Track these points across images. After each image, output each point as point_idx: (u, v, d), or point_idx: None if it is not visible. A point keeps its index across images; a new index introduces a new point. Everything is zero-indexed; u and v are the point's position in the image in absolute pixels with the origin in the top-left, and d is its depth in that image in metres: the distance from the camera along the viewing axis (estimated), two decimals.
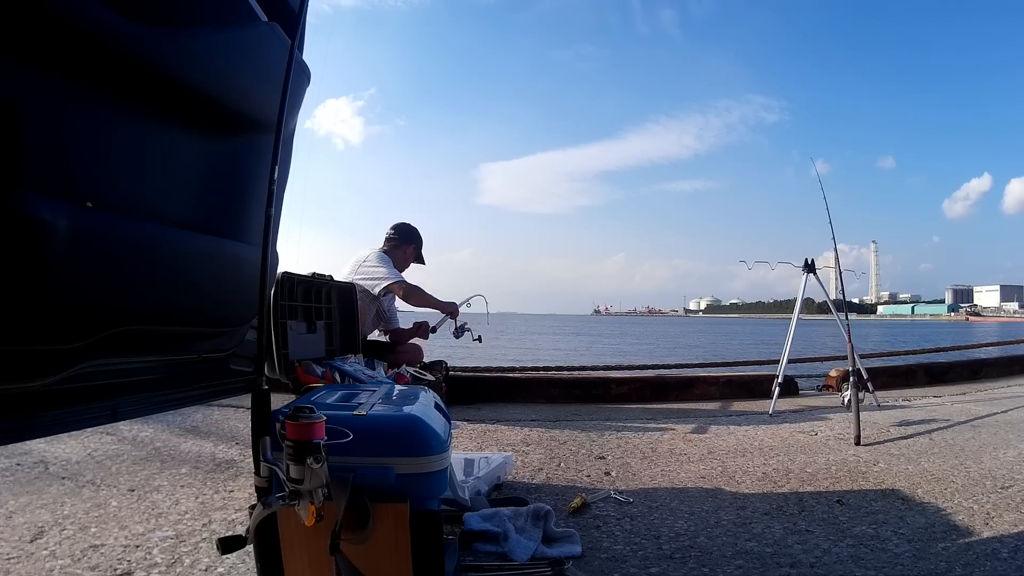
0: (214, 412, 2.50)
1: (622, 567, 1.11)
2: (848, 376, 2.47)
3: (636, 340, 25.65)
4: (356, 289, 2.67)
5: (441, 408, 1.07)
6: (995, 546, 1.19)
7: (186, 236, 0.86)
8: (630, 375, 3.71)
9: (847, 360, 2.58)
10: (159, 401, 1.00)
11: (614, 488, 1.58)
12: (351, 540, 0.76)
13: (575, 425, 2.46)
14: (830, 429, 2.38)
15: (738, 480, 1.68)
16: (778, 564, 1.12)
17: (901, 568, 1.10)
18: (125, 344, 0.78)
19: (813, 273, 2.94)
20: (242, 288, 0.92)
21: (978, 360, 4.51)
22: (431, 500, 0.85)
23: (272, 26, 0.97)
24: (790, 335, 2.93)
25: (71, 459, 1.75)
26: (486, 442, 2.15)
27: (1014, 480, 1.64)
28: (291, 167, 1.08)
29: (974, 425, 2.42)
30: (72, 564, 1.07)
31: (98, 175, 0.71)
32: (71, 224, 0.64)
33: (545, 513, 1.24)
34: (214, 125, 0.89)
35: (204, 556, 1.11)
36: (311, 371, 1.42)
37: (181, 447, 1.96)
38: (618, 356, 13.37)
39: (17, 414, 0.71)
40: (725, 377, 3.53)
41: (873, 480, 1.67)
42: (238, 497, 1.47)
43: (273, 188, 0.82)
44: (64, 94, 0.65)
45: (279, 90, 0.84)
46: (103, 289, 0.71)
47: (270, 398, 0.81)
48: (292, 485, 0.70)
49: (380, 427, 0.85)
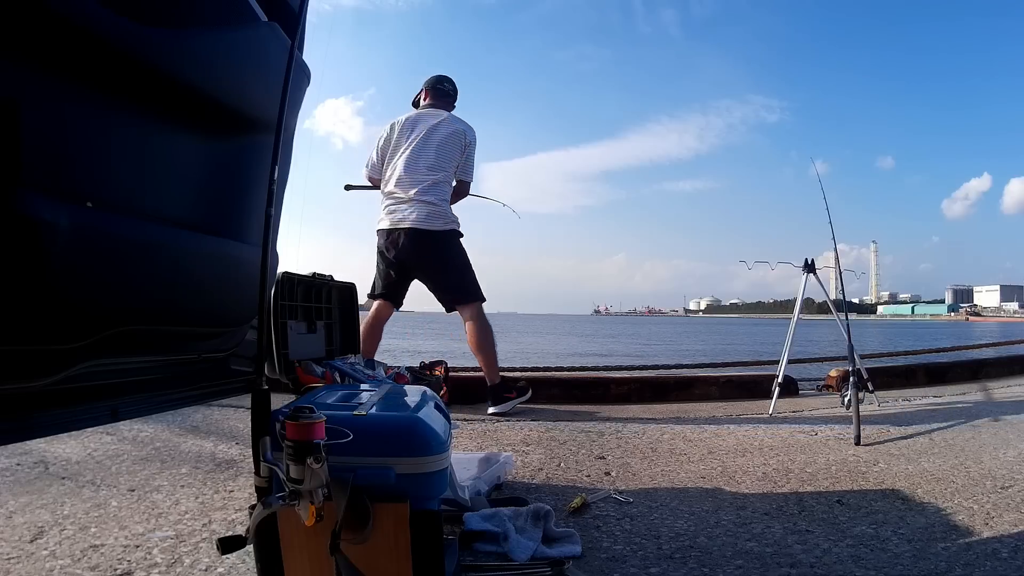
0: (214, 412, 2.50)
1: (622, 567, 1.11)
2: (848, 376, 2.46)
3: (631, 340, 25.67)
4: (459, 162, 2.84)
5: (441, 408, 1.07)
6: (995, 546, 1.19)
7: (186, 236, 0.86)
8: (630, 375, 3.71)
9: (847, 360, 2.58)
10: (159, 401, 1.00)
11: (614, 488, 1.58)
12: (351, 540, 0.77)
13: (575, 425, 2.46)
14: (830, 429, 2.38)
15: (738, 480, 1.68)
16: (778, 564, 1.12)
17: (901, 568, 1.10)
18: (125, 344, 0.78)
19: (813, 273, 2.94)
20: (242, 288, 0.92)
21: (978, 360, 4.51)
22: (431, 500, 0.85)
23: (272, 26, 0.97)
24: (790, 335, 2.93)
25: (71, 459, 1.75)
26: (486, 442, 2.15)
27: (1014, 480, 1.64)
28: (291, 167, 1.08)
29: (974, 425, 2.42)
30: (72, 564, 1.07)
31: (98, 175, 0.71)
32: (71, 224, 0.64)
33: (545, 513, 1.24)
34: (214, 125, 0.89)
35: (204, 556, 1.11)
36: (311, 371, 1.42)
37: (181, 447, 1.96)
38: (618, 356, 13.37)
39: (17, 414, 0.71)
40: (725, 377, 3.53)
41: (873, 480, 1.67)
42: (238, 497, 1.47)
43: (273, 188, 0.82)
44: (64, 94, 0.65)
45: (279, 90, 0.85)
46: (103, 289, 0.71)
47: (270, 398, 0.81)
48: (292, 485, 0.70)
49: (380, 427, 0.86)
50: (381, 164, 2.84)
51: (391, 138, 2.82)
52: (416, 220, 2.71)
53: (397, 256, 2.75)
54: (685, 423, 2.53)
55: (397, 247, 2.74)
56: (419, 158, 2.75)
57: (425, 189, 2.73)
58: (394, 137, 2.82)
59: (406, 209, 2.72)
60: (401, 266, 2.80)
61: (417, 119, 2.83)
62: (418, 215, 2.71)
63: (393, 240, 2.75)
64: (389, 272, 2.82)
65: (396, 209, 2.75)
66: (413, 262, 2.79)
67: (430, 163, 2.75)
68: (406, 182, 2.73)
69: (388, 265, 2.81)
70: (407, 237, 2.72)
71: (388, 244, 2.77)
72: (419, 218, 2.71)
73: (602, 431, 2.33)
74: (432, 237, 2.74)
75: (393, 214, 2.75)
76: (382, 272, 2.84)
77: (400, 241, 2.73)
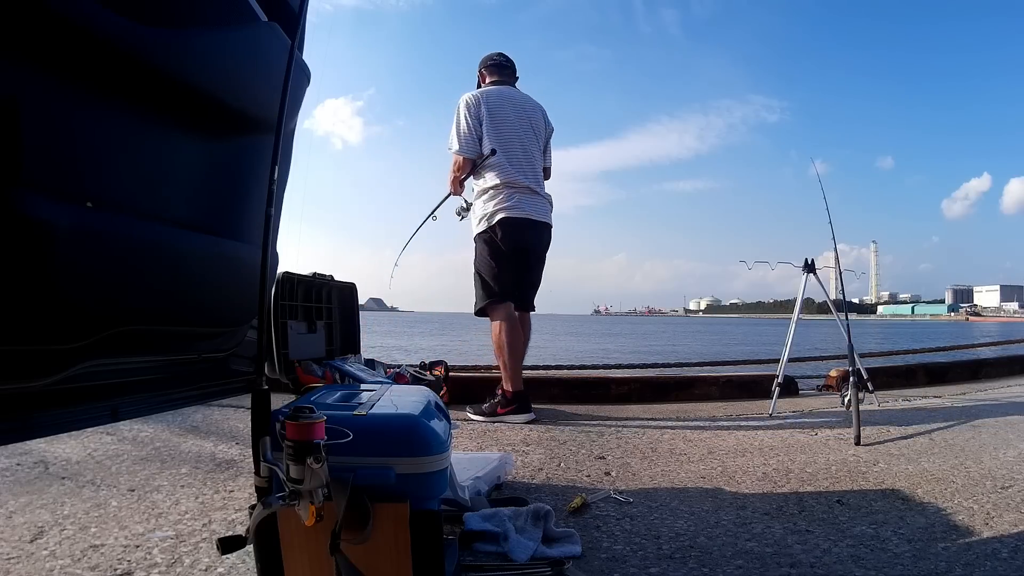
0: (214, 412, 2.50)
1: (622, 567, 1.11)
2: (848, 376, 2.46)
3: (630, 339, 25.66)
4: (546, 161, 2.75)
5: (441, 408, 1.07)
6: (995, 546, 1.19)
7: (186, 236, 0.86)
8: (630, 375, 3.71)
9: (847, 360, 2.58)
10: (159, 401, 1.00)
11: (614, 488, 1.58)
12: (351, 540, 0.77)
13: (575, 425, 2.46)
14: (830, 429, 2.38)
15: (738, 480, 1.68)
16: (778, 564, 1.12)
17: (901, 568, 1.10)
18: (125, 344, 0.78)
19: (813, 273, 2.94)
20: (242, 288, 0.92)
21: (978, 360, 4.51)
22: (431, 500, 0.85)
23: (272, 26, 0.97)
24: (790, 335, 2.93)
25: (71, 459, 1.75)
26: (486, 442, 2.15)
27: (1014, 480, 1.64)
28: (291, 167, 1.08)
29: (974, 425, 2.42)
30: (72, 564, 1.07)
31: (98, 175, 0.71)
32: (71, 224, 0.64)
33: (545, 513, 1.24)
34: (214, 125, 0.89)
35: (204, 556, 1.11)
36: (311, 371, 1.42)
37: (181, 447, 1.96)
38: (617, 356, 13.36)
39: (17, 414, 0.71)
40: (725, 377, 3.53)
41: (873, 480, 1.67)
42: (238, 497, 1.47)
43: (273, 188, 0.82)
44: (64, 94, 0.65)
45: (279, 90, 0.85)
46: (103, 289, 0.71)
47: (270, 398, 0.81)
48: (292, 485, 0.70)
49: (380, 427, 0.85)
50: (478, 142, 2.61)
51: (480, 115, 2.60)
52: (548, 215, 2.72)
53: (541, 249, 2.73)
54: (685, 423, 2.53)
55: (542, 241, 2.72)
56: (533, 145, 2.68)
57: (541, 181, 2.72)
58: (484, 114, 2.59)
59: (540, 203, 2.68)
60: (538, 260, 2.75)
61: (508, 96, 2.68)
62: (548, 210, 2.72)
63: (538, 233, 2.68)
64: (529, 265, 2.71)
65: (534, 201, 2.65)
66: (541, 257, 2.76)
67: (539, 150, 2.71)
68: (531, 174, 2.65)
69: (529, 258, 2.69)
70: (546, 233, 2.71)
71: (535, 237, 2.67)
72: (548, 213, 2.72)
73: (602, 431, 2.33)
74: (550, 234, 2.75)
75: (534, 206, 2.65)
76: (513, 266, 2.64)
77: (543, 236, 2.71)
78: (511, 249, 2.61)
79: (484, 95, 2.63)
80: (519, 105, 2.69)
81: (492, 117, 2.59)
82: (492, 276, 2.62)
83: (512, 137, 2.63)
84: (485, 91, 2.66)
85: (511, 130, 2.63)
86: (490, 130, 2.58)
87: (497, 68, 2.77)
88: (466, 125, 2.59)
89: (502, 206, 2.58)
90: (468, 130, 2.58)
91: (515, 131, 2.64)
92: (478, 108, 2.60)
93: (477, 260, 2.68)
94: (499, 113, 2.62)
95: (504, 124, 2.62)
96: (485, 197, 2.62)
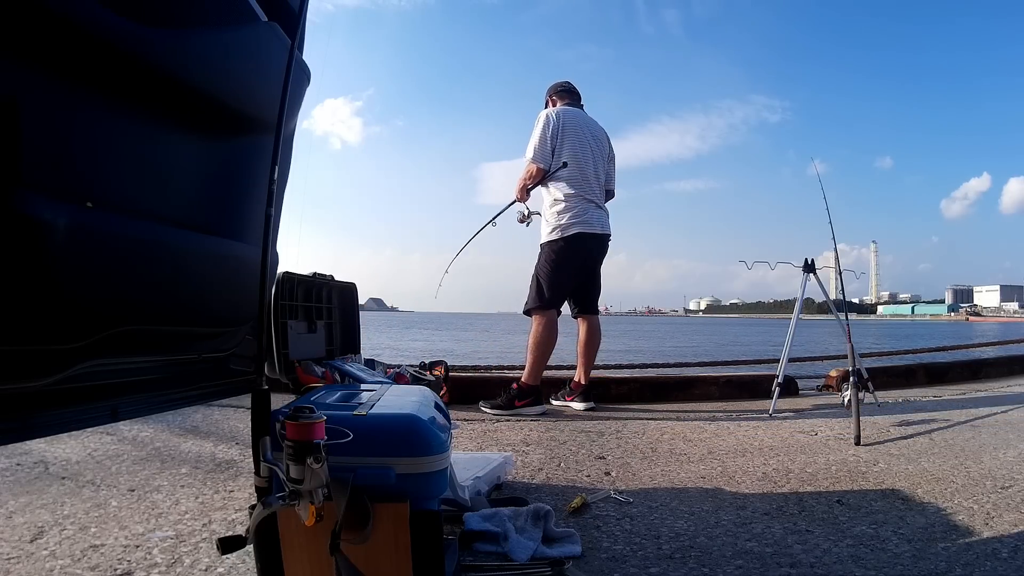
0: (214, 412, 2.50)
1: (622, 567, 1.11)
2: (848, 376, 2.47)
3: (630, 339, 25.66)
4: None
5: (441, 408, 1.07)
6: (995, 546, 1.19)
7: (186, 236, 0.86)
8: (630, 375, 3.71)
9: (847, 360, 2.58)
10: (159, 401, 1.00)
11: (614, 488, 1.58)
12: (351, 540, 0.77)
13: (575, 425, 2.46)
14: (830, 429, 2.38)
15: (738, 480, 1.68)
16: (778, 564, 1.12)
17: (901, 568, 1.10)
18: (125, 344, 0.78)
19: (813, 273, 2.94)
20: (242, 288, 0.92)
21: (978, 360, 4.51)
22: (431, 500, 0.85)
23: (272, 26, 0.97)
24: (790, 335, 2.93)
25: (71, 459, 1.75)
26: (486, 442, 2.15)
27: (1014, 480, 1.64)
28: (291, 167, 1.08)
29: (974, 425, 2.42)
30: (72, 564, 1.07)
31: (98, 175, 0.71)
32: (71, 224, 0.64)
33: (545, 513, 1.24)
34: (214, 125, 0.89)
35: (204, 556, 1.11)
36: (311, 371, 1.42)
37: (181, 447, 1.96)
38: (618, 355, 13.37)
39: (17, 414, 0.71)
40: (725, 377, 3.53)
41: (873, 480, 1.67)
42: (238, 497, 1.47)
43: (273, 188, 0.82)
44: (64, 94, 0.65)
45: (279, 90, 0.85)
46: (103, 289, 0.71)
47: (270, 398, 0.81)
48: (292, 485, 0.70)
49: (380, 427, 0.85)
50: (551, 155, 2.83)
51: (557, 131, 2.81)
52: (609, 227, 2.93)
53: (603, 259, 2.96)
54: (685, 423, 2.53)
55: (603, 252, 2.95)
56: (599, 165, 2.89)
57: (603, 197, 2.93)
58: (561, 131, 2.81)
59: (605, 217, 2.92)
60: (598, 267, 2.98)
61: (583, 119, 2.91)
62: (609, 222, 2.94)
63: (601, 244, 2.92)
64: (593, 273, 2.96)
65: (601, 215, 2.88)
66: (600, 264, 3.00)
67: (603, 169, 2.93)
68: (597, 189, 2.87)
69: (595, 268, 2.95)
70: (607, 243, 2.95)
71: (599, 249, 2.91)
72: (609, 225, 2.94)
73: (602, 431, 2.33)
74: (609, 243, 2.97)
75: (601, 220, 2.88)
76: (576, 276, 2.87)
77: (605, 246, 2.94)
78: (580, 262, 2.85)
79: (562, 113, 2.85)
80: (590, 126, 2.91)
81: (566, 134, 2.81)
82: (550, 284, 2.81)
83: (584, 154, 2.84)
84: (562, 110, 2.88)
85: (583, 147, 2.84)
86: (565, 145, 2.80)
87: (567, 93, 3.00)
88: (543, 138, 2.81)
89: (577, 220, 2.79)
90: (544, 143, 2.80)
91: (586, 149, 2.85)
92: (556, 124, 2.81)
93: (540, 265, 2.87)
94: (573, 131, 2.83)
95: (577, 141, 2.83)
96: (558, 208, 2.81)
